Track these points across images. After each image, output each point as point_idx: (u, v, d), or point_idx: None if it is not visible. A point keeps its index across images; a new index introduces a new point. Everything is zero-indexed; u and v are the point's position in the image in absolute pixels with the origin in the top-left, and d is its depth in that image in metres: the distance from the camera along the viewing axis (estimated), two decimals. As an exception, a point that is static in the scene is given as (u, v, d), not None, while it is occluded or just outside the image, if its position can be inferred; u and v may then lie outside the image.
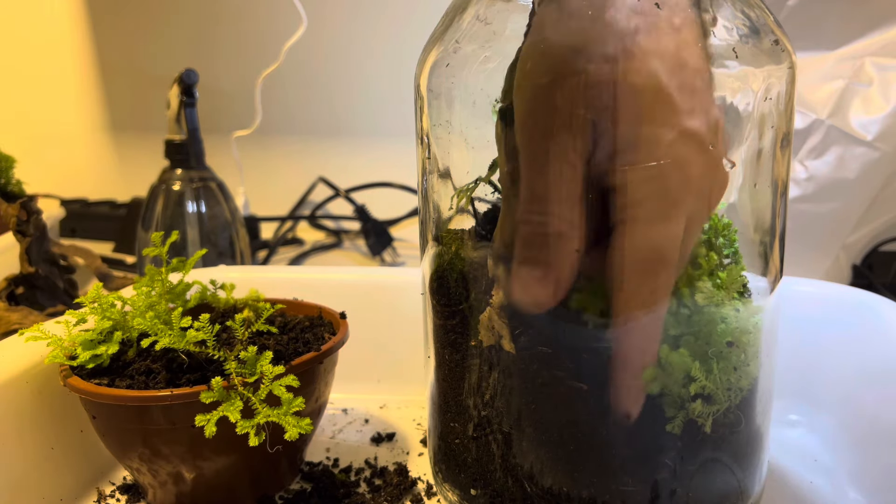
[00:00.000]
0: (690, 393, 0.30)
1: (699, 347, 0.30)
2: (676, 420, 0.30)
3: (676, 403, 0.30)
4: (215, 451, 0.36)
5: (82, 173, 1.16)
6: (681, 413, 0.30)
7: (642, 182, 0.27)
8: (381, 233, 0.92)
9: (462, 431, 0.34)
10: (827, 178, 0.66)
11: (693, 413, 0.30)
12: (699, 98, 0.27)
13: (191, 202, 0.75)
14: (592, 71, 0.26)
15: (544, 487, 0.32)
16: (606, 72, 0.26)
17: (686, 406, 0.30)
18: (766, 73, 0.30)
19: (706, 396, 0.30)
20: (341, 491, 0.39)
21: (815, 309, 0.47)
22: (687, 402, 0.30)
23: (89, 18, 1.10)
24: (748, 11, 0.30)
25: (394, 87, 0.99)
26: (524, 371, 0.31)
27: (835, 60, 0.67)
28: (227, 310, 0.45)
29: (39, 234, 0.61)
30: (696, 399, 0.30)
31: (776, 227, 0.33)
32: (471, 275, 0.33)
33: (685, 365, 0.29)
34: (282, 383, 0.35)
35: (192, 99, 0.74)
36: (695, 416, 0.30)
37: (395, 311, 0.50)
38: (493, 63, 0.31)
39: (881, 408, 0.40)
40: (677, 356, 0.29)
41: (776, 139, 0.32)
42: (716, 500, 0.32)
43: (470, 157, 0.34)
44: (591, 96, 0.27)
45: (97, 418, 0.37)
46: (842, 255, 0.69)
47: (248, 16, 1.04)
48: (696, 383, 0.29)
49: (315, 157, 1.05)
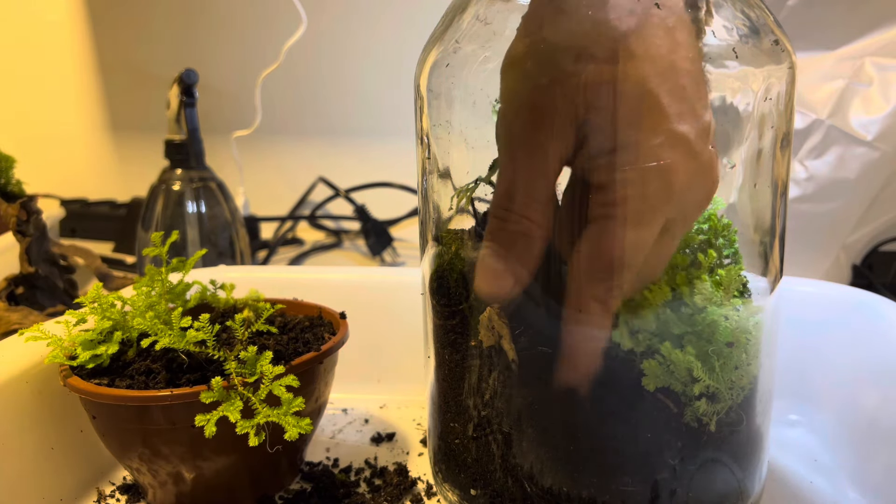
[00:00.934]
0: (695, 392, 0.30)
1: (701, 346, 0.30)
2: (685, 417, 0.30)
3: (680, 402, 0.30)
4: (215, 451, 0.36)
5: (82, 173, 1.16)
6: (688, 410, 0.30)
7: (623, 184, 0.27)
8: (381, 233, 0.92)
9: (462, 431, 0.34)
10: (827, 178, 0.66)
11: (699, 411, 0.30)
12: (689, 102, 0.27)
13: (191, 202, 0.75)
14: (581, 72, 0.26)
15: (544, 487, 0.32)
16: (595, 73, 0.26)
17: (692, 404, 0.30)
18: (766, 74, 0.30)
19: (710, 395, 0.30)
20: (341, 491, 0.39)
21: (815, 309, 0.47)
22: (693, 400, 0.30)
23: (89, 18, 1.10)
24: (748, 11, 0.30)
25: (394, 87, 0.99)
26: (524, 371, 0.31)
27: (835, 60, 0.67)
28: (227, 310, 0.45)
29: (39, 234, 0.61)
30: (700, 398, 0.30)
31: (776, 227, 0.33)
32: (471, 275, 0.33)
33: (688, 363, 0.29)
34: (282, 383, 0.35)
35: (192, 99, 0.74)
36: (700, 415, 0.30)
37: (395, 311, 0.50)
38: (492, 63, 0.31)
39: (881, 408, 0.40)
40: (680, 355, 0.29)
41: (776, 139, 0.31)
42: (716, 499, 0.32)
43: (470, 157, 0.34)
44: (577, 97, 0.27)
45: (97, 418, 0.37)
46: (842, 255, 0.69)
47: (248, 16, 1.04)
48: (701, 383, 0.29)
49: (315, 157, 1.05)
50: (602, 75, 0.26)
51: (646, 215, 0.27)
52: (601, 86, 0.26)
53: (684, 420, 0.30)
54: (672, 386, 0.30)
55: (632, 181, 0.27)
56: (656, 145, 0.26)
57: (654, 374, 0.29)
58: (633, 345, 0.30)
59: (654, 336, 0.30)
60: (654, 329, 0.30)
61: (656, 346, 0.30)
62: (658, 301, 0.30)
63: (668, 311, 0.30)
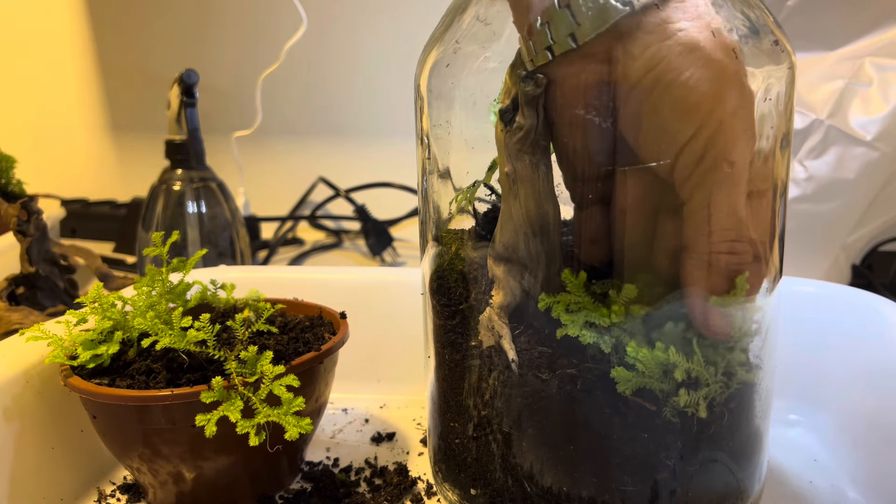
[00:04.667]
0: (677, 378, 0.29)
1: (678, 333, 0.30)
2: (665, 415, 0.30)
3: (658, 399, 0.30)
4: (215, 451, 0.36)
5: (83, 173, 1.16)
6: (667, 408, 0.30)
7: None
8: (381, 233, 0.92)
9: (462, 431, 0.35)
10: (826, 179, 0.66)
11: (680, 404, 0.30)
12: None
13: (191, 202, 0.75)
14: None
15: (544, 487, 0.32)
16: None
17: (670, 400, 0.30)
18: (766, 74, 0.30)
19: (692, 382, 0.30)
20: (341, 490, 0.39)
21: (815, 309, 0.47)
22: (672, 393, 0.30)
23: (90, 18, 1.11)
24: (748, 12, 0.30)
25: (394, 88, 0.99)
26: (524, 371, 0.31)
27: (835, 60, 0.67)
28: (228, 310, 0.45)
29: (40, 234, 0.61)
30: (682, 386, 0.30)
31: (776, 227, 0.33)
32: (471, 275, 0.34)
33: (659, 358, 0.29)
34: (282, 383, 0.35)
35: (193, 99, 0.74)
36: (683, 407, 0.30)
37: (395, 311, 0.50)
38: (493, 63, 0.31)
39: (881, 408, 0.40)
40: (647, 352, 0.29)
41: (776, 139, 0.32)
42: (715, 499, 0.32)
43: (470, 158, 0.34)
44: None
45: (98, 418, 0.37)
46: (841, 256, 0.69)
47: (248, 16, 1.04)
48: (680, 368, 0.29)
49: (315, 157, 1.05)
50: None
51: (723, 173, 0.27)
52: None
53: (666, 416, 0.30)
54: (648, 385, 0.29)
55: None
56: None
57: (625, 378, 0.29)
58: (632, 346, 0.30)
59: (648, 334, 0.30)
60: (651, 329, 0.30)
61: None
62: (654, 302, 0.30)
63: (666, 312, 0.30)
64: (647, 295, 0.30)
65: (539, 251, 0.31)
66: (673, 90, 0.27)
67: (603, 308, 0.30)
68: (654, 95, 0.27)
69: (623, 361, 0.29)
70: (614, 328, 0.30)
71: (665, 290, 0.30)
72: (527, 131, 0.29)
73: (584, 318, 0.30)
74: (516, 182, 0.30)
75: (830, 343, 0.45)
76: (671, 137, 0.27)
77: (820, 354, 0.45)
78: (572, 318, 0.30)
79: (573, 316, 0.30)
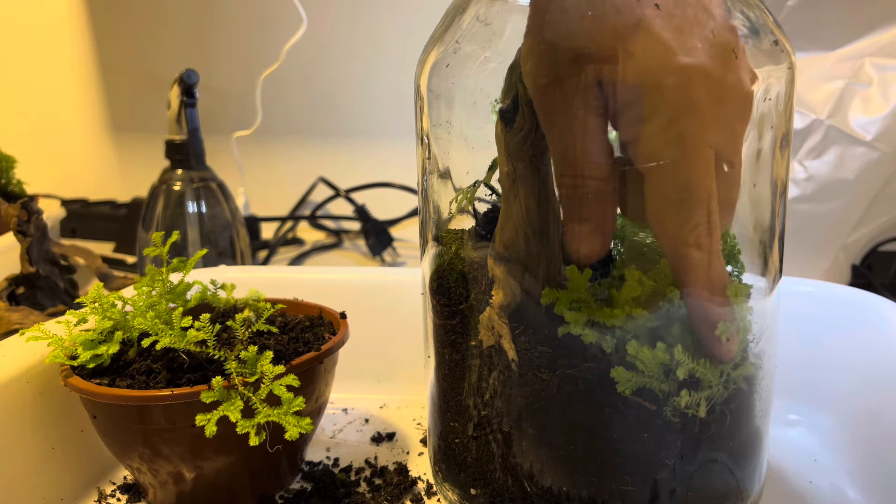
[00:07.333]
0: (679, 376, 0.29)
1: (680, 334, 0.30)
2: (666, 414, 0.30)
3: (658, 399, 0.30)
4: (216, 451, 0.36)
5: (83, 173, 1.16)
6: (667, 407, 0.30)
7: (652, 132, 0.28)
8: (381, 233, 0.92)
9: (462, 431, 0.35)
10: (826, 178, 0.66)
11: (681, 404, 0.30)
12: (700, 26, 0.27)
13: (191, 202, 0.75)
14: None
15: (544, 487, 0.32)
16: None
17: (670, 399, 0.30)
18: (766, 74, 0.30)
19: (694, 381, 0.30)
20: (341, 490, 0.39)
21: (815, 309, 0.47)
22: (674, 393, 0.30)
23: (90, 18, 1.11)
24: (748, 12, 0.30)
25: (394, 88, 0.99)
26: (524, 370, 0.31)
27: (834, 60, 0.67)
28: (228, 310, 0.45)
29: (40, 234, 0.61)
30: (683, 386, 0.30)
31: (775, 227, 0.33)
32: (471, 275, 0.34)
33: (660, 358, 0.29)
34: (282, 383, 0.35)
35: (193, 99, 0.74)
36: (683, 408, 0.30)
37: (395, 311, 0.50)
38: (493, 63, 0.31)
39: (881, 408, 0.40)
40: (648, 351, 0.29)
41: (775, 139, 0.32)
42: (715, 499, 0.32)
43: (470, 158, 0.34)
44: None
45: (98, 418, 0.37)
46: (841, 255, 0.69)
47: (248, 16, 1.04)
48: (683, 367, 0.29)
49: (315, 157, 1.05)
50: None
51: (691, 148, 0.28)
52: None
53: (667, 416, 0.30)
54: (648, 385, 0.29)
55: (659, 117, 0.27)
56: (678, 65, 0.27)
57: (625, 377, 0.29)
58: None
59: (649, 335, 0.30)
60: (650, 331, 0.30)
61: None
62: (653, 302, 0.30)
63: (668, 311, 0.30)
64: (647, 295, 0.30)
65: (539, 251, 0.31)
66: (672, 90, 0.27)
67: (605, 308, 0.30)
68: (654, 95, 0.27)
69: (623, 361, 0.29)
70: (616, 328, 0.30)
71: (666, 290, 0.30)
72: (527, 131, 0.29)
73: (586, 317, 0.30)
74: (516, 182, 0.30)
75: (830, 343, 0.45)
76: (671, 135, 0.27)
77: (820, 354, 0.45)
78: (575, 317, 0.30)
79: (576, 314, 0.30)
